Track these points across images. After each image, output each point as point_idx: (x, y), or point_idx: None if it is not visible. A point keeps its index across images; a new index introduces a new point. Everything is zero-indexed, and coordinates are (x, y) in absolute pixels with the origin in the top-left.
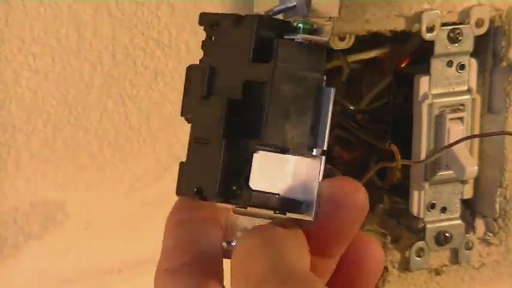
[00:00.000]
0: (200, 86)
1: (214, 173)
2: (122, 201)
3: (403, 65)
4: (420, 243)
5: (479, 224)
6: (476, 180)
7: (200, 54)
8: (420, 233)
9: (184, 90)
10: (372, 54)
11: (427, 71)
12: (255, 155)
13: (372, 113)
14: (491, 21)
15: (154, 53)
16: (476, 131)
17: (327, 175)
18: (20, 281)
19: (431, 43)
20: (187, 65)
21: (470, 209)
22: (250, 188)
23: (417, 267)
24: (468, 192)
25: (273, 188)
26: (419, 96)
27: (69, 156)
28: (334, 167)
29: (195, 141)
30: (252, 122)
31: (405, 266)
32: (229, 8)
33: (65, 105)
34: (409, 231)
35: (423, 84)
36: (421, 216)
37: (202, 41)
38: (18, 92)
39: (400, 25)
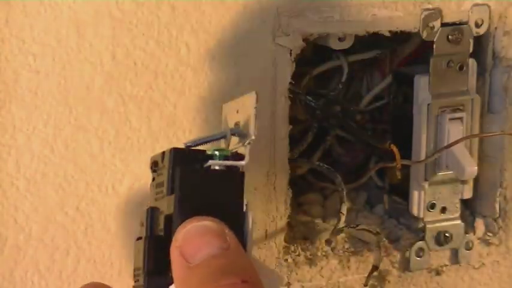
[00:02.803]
0: (144, 228)
1: None
2: (122, 201)
3: (403, 65)
4: (420, 243)
5: (479, 224)
6: (476, 180)
7: (200, 54)
8: (420, 233)
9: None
10: (372, 54)
11: (427, 71)
12: (170, 287)
13: (372, 113)
14: (491, 21)
15: (154, 53)
16: (476, 131)
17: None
18: (20, 281)
19: (431, 43)
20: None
21: (470, 209)
22: None
23: (417, 267)
24: (468, 192)
25: None
26: (419, 96)
27: (69, 156)
28: (334, 167)
29: (134, 278)
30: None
31: (405, 266)
32: (229, 7)
33: (65, 105)
34: (409, 231)
35: (423, 84)
36: (421, 216)
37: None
38: (18, 92)
39: (400, 25)
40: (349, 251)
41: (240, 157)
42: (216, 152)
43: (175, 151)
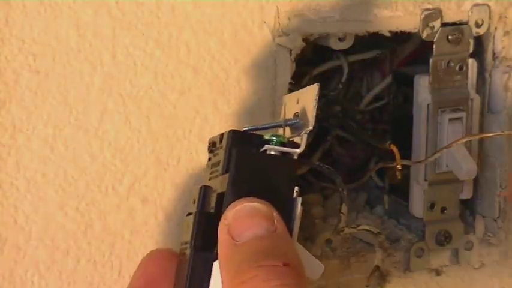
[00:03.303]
0: (195, 204)
1: (182, 283)
2: (122, 201)
3: (403, 65)
4: (420, 243)
5: (479, 224)
6: (476, 180)
7: (200, 54)
8: (420, 233)
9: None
10: (372, 54)
11: (427, 71)
12: (214, 263)
13: (372, 113)
14: (491, 21)
15: (154, 53)
16: (476, 131)
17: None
18: (20, 281)
19: (431, 43)
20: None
21: (470, 209)
22: None
23: (417, 267)
24: (468, 192)
25: None
26: (419, 96)
27: (69, 156)
28: (334, 167)
29: (180, 251)
30: None
31: (405, 266)
32: (229, 7)
33: (65, 105)
34: (409, 231)
35: (423, 84)
36: (421, 216)
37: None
38: (18, 92)
39: (400, 25)
40: (350, 251)
41: (296, 145)
42: (274, 138)
43: (234, 133)
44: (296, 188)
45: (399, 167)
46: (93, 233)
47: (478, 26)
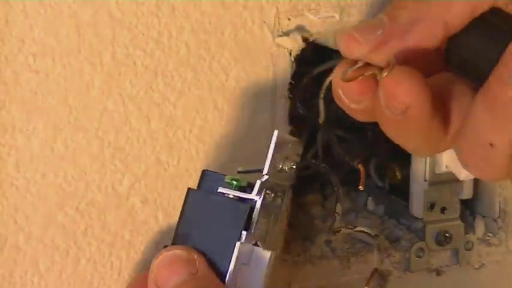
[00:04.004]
0: None
1: None
2: (122, 201)
3: None
4: (420, 244)
5: (479, 224)
6: (476, 180)
7: (200, 54)
8: (420, 233)
9: None
10: None
11: None
12: None
13: None
14: None
15: (154, 53)
16: None
17: (324, 174)
18: (20, 281)
19: None
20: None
21: (470, 209)
22: None
23: (417, 267)
24: (468, 192)
25: None
26: None
27: (69, 156)
28: (334, 167)
29: None
30: None
31: (405, 267)
32: (229, 7)
33: (65, 105)
34: (409, 231)
35: None
36: (421, 216)
37: None
38: (18, 92)
39: None
40: (349, 251)
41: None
42: (234, 181)
43: (204, 172)
44: (244, 233)
45: (361, 188)
46: (93, 233)
47: None
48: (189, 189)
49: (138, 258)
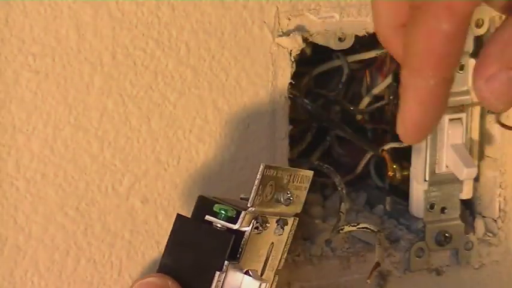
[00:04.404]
0: None
1: None
2: (122, 201)
3: None
4: (420, 243)
5: (479, 224)
6: (476, 180)
7: (200, 54)
8: (420, 233)
9: None
10: (372, 54)
11: None
12: None
13: (372, 113)
14: (491, 21)
15: (154, 53)
16: (476, 132)
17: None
18: (20, 281)
19: None
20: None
21: (470, 209)
22: None
23: (417, 267)
24: (468, 192)
25: None
26: None
27: (69, 156)
28: (334, 167)
29: None
30: None
31: (405, 266)
32: (229, 7)
33: (65, 105)
34: (409, 231)
35: None
36: (421, 216)
37: None
38: (18, 92)
39: None
40: (349, 251)
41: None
42: (222, 211)
43: (199, 198)
44: (226, 263)
45: (390, 173)
46: (93, 233)
47: (478, 26)
48: (178, 214)
49: (138, 258)
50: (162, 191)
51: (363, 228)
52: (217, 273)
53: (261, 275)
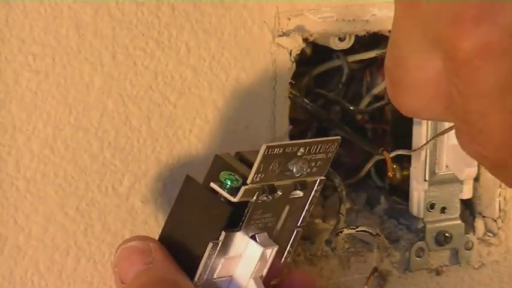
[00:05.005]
0: None
1: None
2: (122, 201)
3: None
4: (420, 243)
5: (479, 224)
6: (476, 180)
7: (200, 54)
8: (420, 233)
9: None
10: (372, 54)
11: None
12: None
13: (372, 113)
14: None
15: (154, 53)
16: None
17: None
18: (20, 281)
19: None
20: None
21: (470, 209)
22: None
23: (417, 267)
24: (468, 192)
25: None
26: None
27: (69, 156)
28: (334, 167)
29: None
30: None
31: (405, 266)
32: (229, 7)
33: (65, 105)
34: (409, 231)
35: None
36: (421, 216)
37: None
38: (18, 92)
39: None
40: (349, 251)
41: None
42: (228, 181)
43: (216, 157)
44: (223, 233)
45: (390, 174)
46: (93, 233)
47: None
48: (187, 176)
49: None
50: (162, 191)
51: (362, 231)
52: (210, 243)
53: (277, 235)
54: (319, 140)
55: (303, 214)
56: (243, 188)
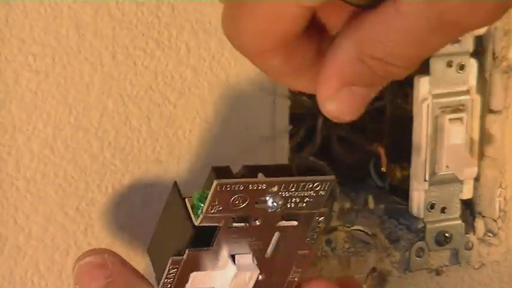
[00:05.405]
0: None
1: None
2: (122, 201)
3: None
4: (420, 243)
5: (479, 224)
6: (476, 180)
7: (200, 54)
8: (420, 233)
9: None
10: None
11: (427, 71)
12: None
13: (372, 113)
14: None
15: (154, 53)
16: (476, 132)
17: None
18: (20, 281)
19: None
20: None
21: (470, 209)
22: None
23: (417, 267)
24: (468, 192)
25: None
26: (419, 96)
27: (69, 156)
28: (333, 167)
29: None
30: None
31: (405, 266)
32: None
33: (65, 105)
34: (409, 231)
35: (423, 84)
36: (421, 216)
37: None
38: (18, 92)
39: None
40: (349, 251)
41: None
42: (200, 202)
43: (214, 168)
44: (186, 251)
45: (383, 169)
46: (93, 233)
47: None
48: (174, 183)
49: (138, 258)
50: (162, 191)
51: (357, 230)
52: (170, 259)
53: (271, 258)
54: (300, 178)
55: (305, 240)
56: (201, 216)
